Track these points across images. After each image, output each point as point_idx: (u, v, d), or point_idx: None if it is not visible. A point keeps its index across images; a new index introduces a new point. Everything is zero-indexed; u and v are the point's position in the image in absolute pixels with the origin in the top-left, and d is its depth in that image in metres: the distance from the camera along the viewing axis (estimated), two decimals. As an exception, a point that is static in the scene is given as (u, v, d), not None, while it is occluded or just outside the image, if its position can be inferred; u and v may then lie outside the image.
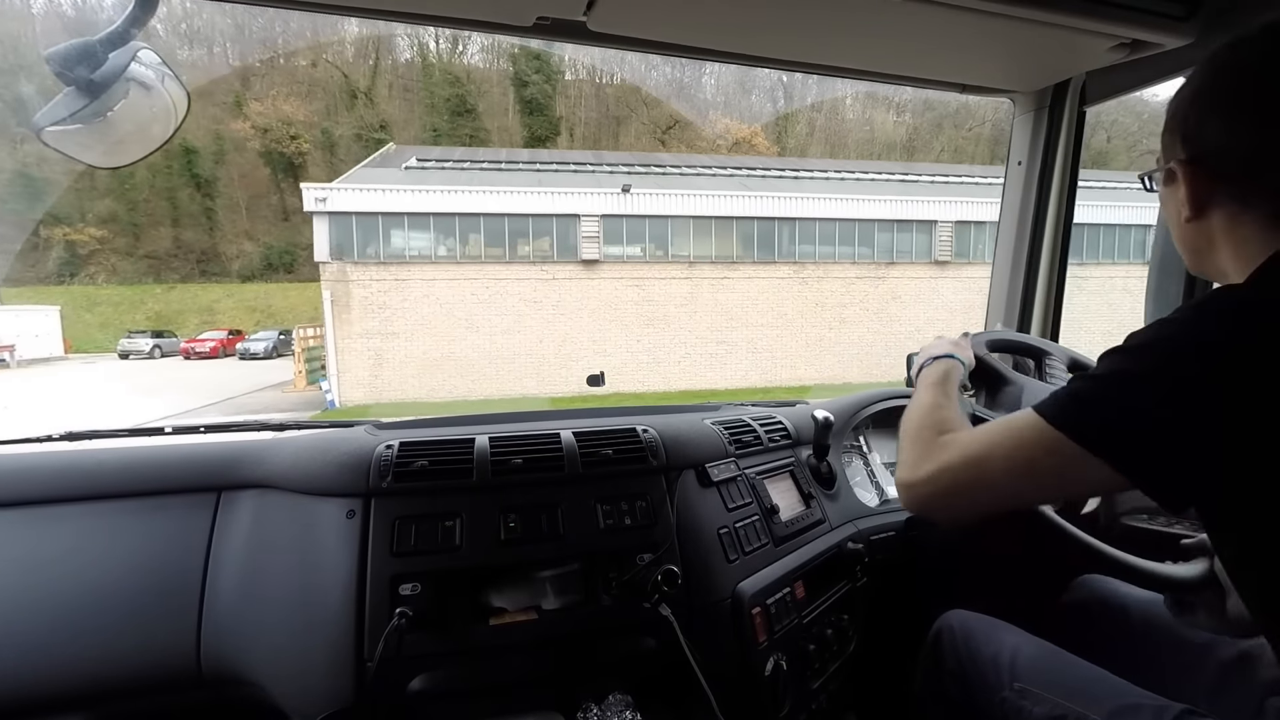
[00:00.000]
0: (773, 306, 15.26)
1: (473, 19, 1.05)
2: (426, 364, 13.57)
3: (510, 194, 14.01)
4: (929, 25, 1.04)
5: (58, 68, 0.70)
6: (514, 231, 13.99)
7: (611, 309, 14.40)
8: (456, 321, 13.67)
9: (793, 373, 15.21)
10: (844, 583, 1.16)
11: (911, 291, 15.95)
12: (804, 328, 15.47)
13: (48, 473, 0.92)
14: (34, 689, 0.80)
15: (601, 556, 0.95)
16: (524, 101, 30.75)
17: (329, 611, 0.84)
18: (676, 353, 14.72)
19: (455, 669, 0.86)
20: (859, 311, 15.78)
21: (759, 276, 15.16)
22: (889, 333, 15.89)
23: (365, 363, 13.29)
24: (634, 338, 14.52)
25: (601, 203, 14.28)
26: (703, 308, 14.85)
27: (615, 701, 0.91)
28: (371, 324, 13.28)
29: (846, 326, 15.69)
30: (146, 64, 0.76)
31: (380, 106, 39.40)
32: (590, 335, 14.29)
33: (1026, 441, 0.59)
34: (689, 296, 14.78)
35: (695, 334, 14.84)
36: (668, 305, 14.67)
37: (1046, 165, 1.44)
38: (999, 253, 1.56)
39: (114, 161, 0.80)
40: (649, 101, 27.97)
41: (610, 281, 14.40)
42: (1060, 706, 0.76)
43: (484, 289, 13.79)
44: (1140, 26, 1.04)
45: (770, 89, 24.93)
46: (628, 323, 14.49)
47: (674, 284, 14.72)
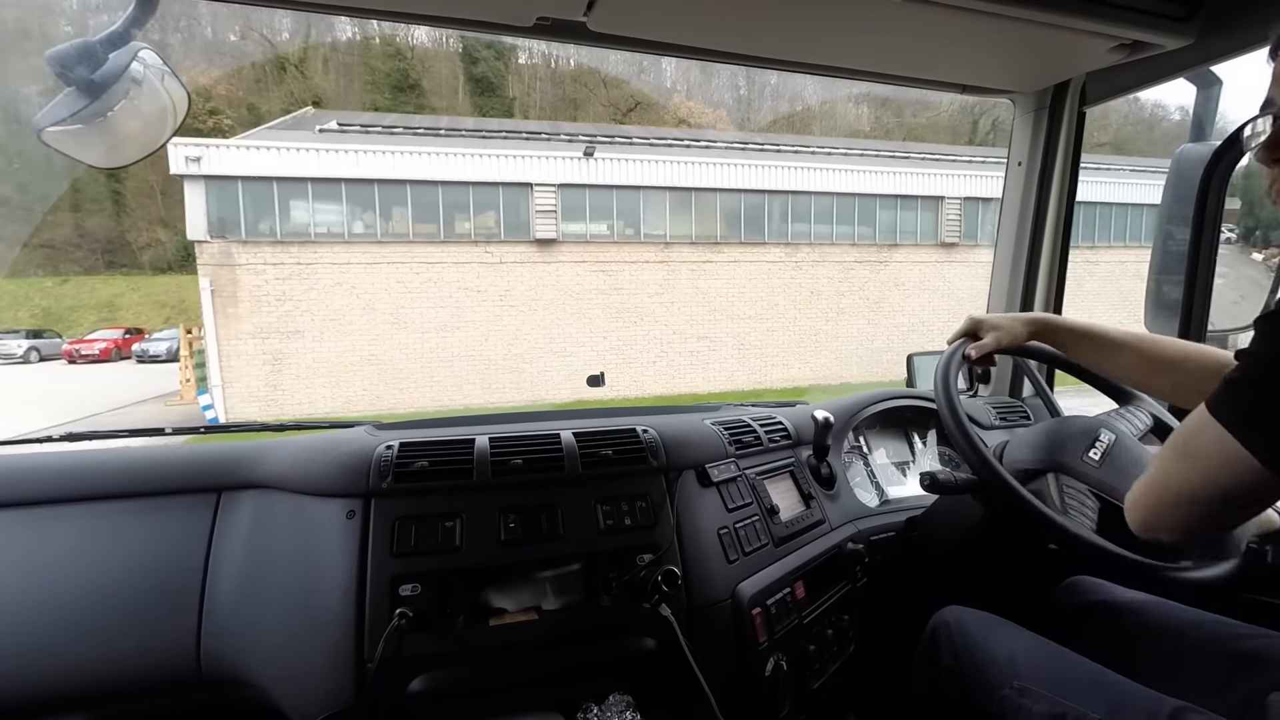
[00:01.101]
0: (762, 295, 13.05)
1: (473, 19, 1.06)
2: (341, 370, 10.88)
3: (445, 157, 11.22)
4: (929, 26, 1.04)
5: (58, 68, 0.70)
6: (451, 204, 11.23)
7: (572, 299, 11.94)
8: (378, 316, 11.00)
9: (784, 372, 13.11)
10: (844, 583, 1.16)
11: (915, 278, 13.98)
12: (797, 320, 13.32)
13: (48, 473, 0.92)
14: (34, 689, 0.80)
15: (601, 557, 0.94)
16: (474, 80, 27.35)
17: (329, 612, 0.84)
18: (650, 351, 12.38)
19: (455, 669, 0.86)
20: (858, 301, 13.72)
21: (746, 260, 12.92)
22: (890, 325, 13.91)
23: (260, 369, 10.49)
24: (599, 334, 12.11)
25: (559, 169, 11.66)
26: (681, 297, 12.53)
27: (615, 702, 0.92)
28: (267, 319, 10.48)
29: (844, 318, 13.62)
30: (147, 64, 0.77)
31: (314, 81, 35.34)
32: (546, 331, 11.82)
33: (1189, 432, 0.58)
34: (665, 284, 12.43)
35: (673, 328, 12.52)
36: (640, 294, 12.30)
37: (1046, 165, 1.45)
38: (999, 252, 1.57)
39: (114, 161, 0.80)
40: (609, 82, 25.14)
41: (570, 266, 11.92)
42: (1060, 705, 0.76)
43: (413, 275, 11.13)
44: (1140, 27, 1.05)
45: (731, 75, 22.61)
46: (592, 316, 12.06)
47: (647, 269, 12.34)
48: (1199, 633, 0.85)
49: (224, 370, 10.25)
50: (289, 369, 10.68)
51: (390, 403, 11.02)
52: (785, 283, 13.17)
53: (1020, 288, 1.51)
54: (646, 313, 12.35)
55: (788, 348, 13.30)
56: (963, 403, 0.91)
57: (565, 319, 11.92)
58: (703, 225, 12.74)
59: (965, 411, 0.90)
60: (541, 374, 11.69)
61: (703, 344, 12.73)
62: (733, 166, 12.72)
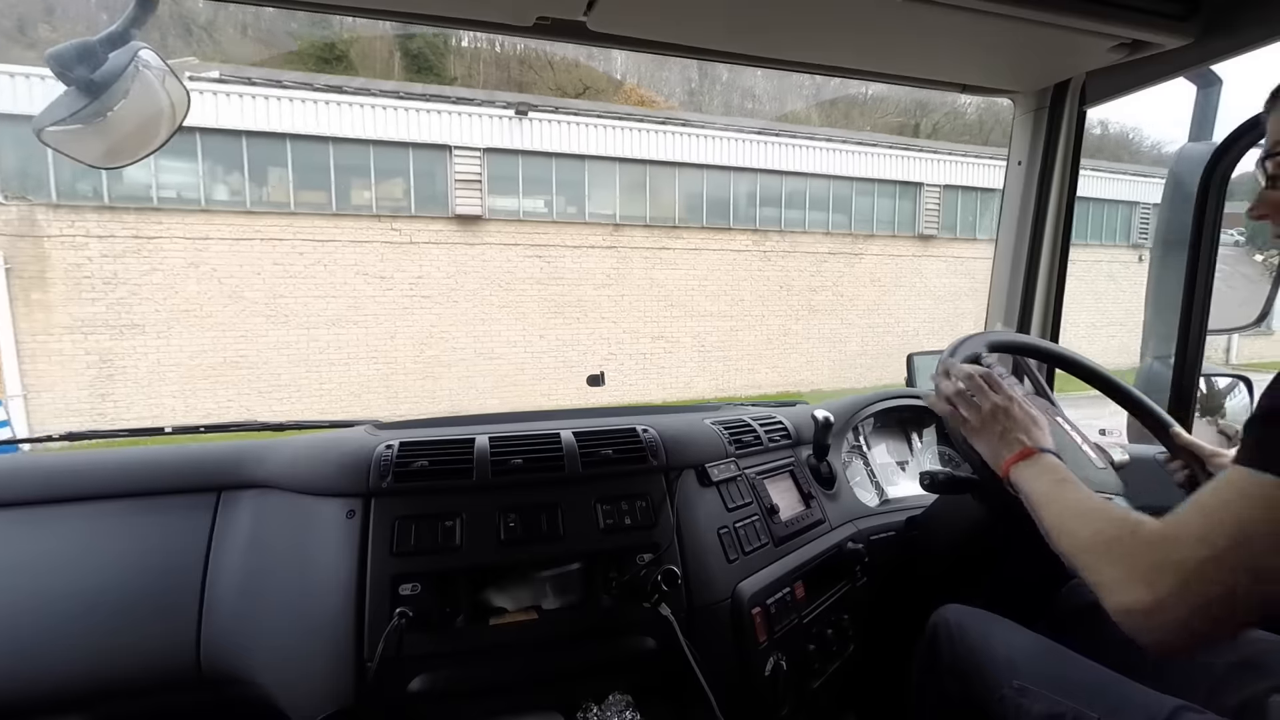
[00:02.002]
0: (726, 289, 11.30)
1: (473, 19, 1.06)
2: (197, 375, 8.46)
3: (339, 107, 8.69)
4: (929, 25, 1.04)
5: (58, 68, 0.70)
6: (346, 167, 8.80)
7: (501, 289, 9.85)
8: (248, 307, 8.64)
9: (749, 377, 11.46)
10: (844, 583, 1.16)
11: (891, 272, 12.57)
12: (765, 318, 11.64)
13: (48, 473, 0.92)
14: (34, 688, 0.80)
15: (601, 556, 0.94)
16: (409, 55, 24.25)
17: (329, 611, 0.84)
18: (596, 352, 10.43)
19: (455, 669, 0.86)
20: (831, 297, 12.17)
21: (709, 248, 11.13)
22: (865, 326, 12.45)
23: (81, 373, 7.94)
24: (534, 332, 10.08)
25: (485, 130, 9.39)
26: (633, 289, 10.63)
27: (615, 701, 0.92)
28: (92, 309, 7.90)
29: (816, 318, 12.04)
30: (146, 64, 0.76)
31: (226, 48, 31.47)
32: (469, 329, 9.70)
33: (1228, 500, 0.50)
34: (614, 273, 10.50)
35: (623, 326, 10.61)
36: (584, 285, 10.33)
37: (1046, 165, 1.44)
38: (999, 252, 1.57)
39: (114, 161, 0.80)
40: (556, 65, 22.76)
41: (499, 249, 9.80)
42: (1059, 704, 0.76)
43: (296, 256, 8.76)
44: (1140, 26, 1.05)
45: (683, 64, 20.78)
46: (526, 310, 10.01)
47: (593, 255, 10.37)
48: None
49: (26, 375, 7.70)
50: (125, 374, 8.16)
51: (266, 416, 8.65)
52: (752, 275, 11.46)
53: (1020, 287, 1.51)
54: (592, 307, 10.38)
55: (754, 350, 11.60)
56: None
57: (492, 314, 9.80)
58: (659, 205, 10.82)
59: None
60: (463, 381, 9.59)
61: (658, 345, 10.86)
62: (693, 137, 10.92)
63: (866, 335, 12.47)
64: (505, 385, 9.81)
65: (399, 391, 9.27)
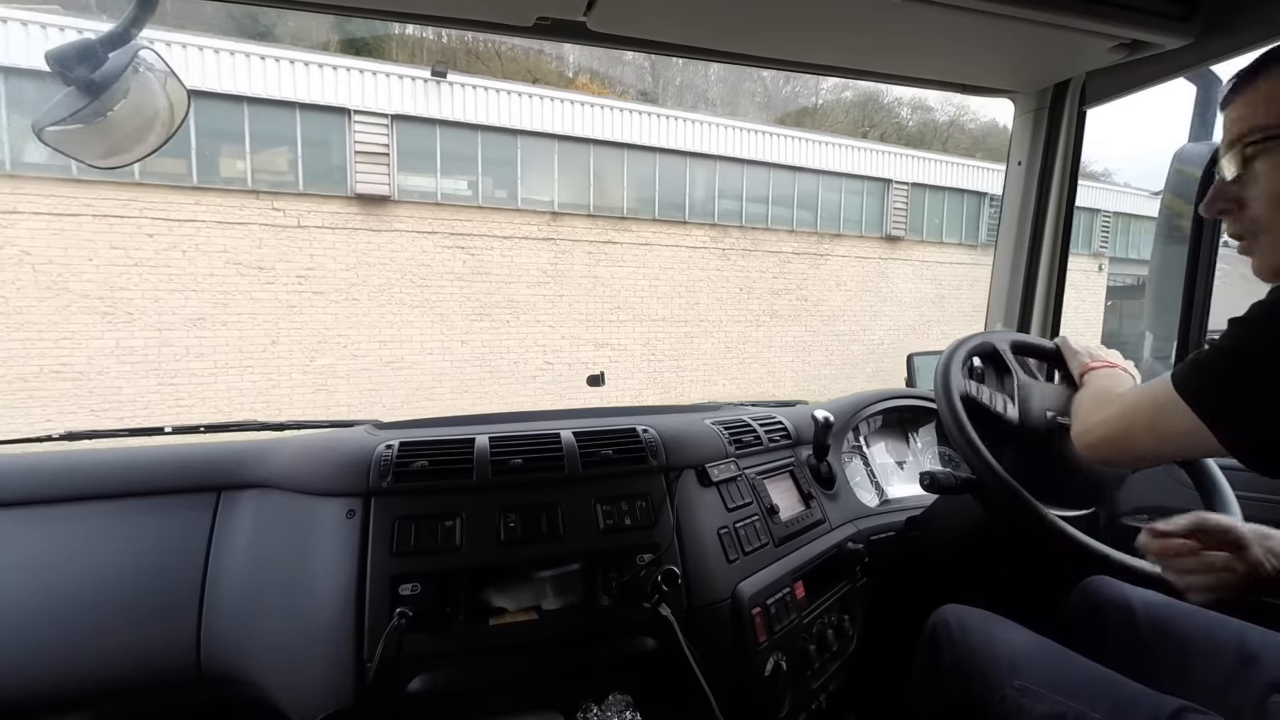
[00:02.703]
0: (681, 291, 10.02)
1: (473, 19, 1.05)
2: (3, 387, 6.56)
3: (202, 52, 6.87)
4: (929, 25, 1.04)
5: (58, 68, 0.70)
6: (213, 130, 6.98)
7: (415, 285, 8.26)
8: (74, 301, 6.79)
9: (705, 390, 10.31)
10: (844, 583, 1.16)
11: (857, 275, 11.59)
12: (723, 323, 10.42)
13: (48, 473, 0.91)
14: (34, 688, 0.80)
15: (601, 557, 0.94)
16: (347, 40, 21.52)
17: (329, 611, 0.83)
18: (529, 363, 8.96)
19: (455, 669, 0.85)
20: (794, 302, 11.06)
21: (661, 243, 9.82)
22: (830, 334, 11.40)
23: None
24: (456, 337, 8.53)
25: (395, 94, 7.81)
26: (575, 288, 9.21)
27: (615, 701, 0.92)
28: None
29: (779, 323, 10.91)
30: (146, 64, 0.76)
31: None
32: (373, 333, 8.07)
33: (1154, 403, 0.66)
34: (552, 270, 9.07)
35: (562, 331, 9.17)
36: (516, 283, 8.85)
37: (1046, 165, 1.44)
38: (999, 252, 1.57)
39: (114, 161, 0.80)
40: (504, 55, 20.98)
41: (412, 238, 8.21)
42: (1060, 704, 0.76)
43: (144, 239, 6.92)
44: (1140, 27, 1.04)
45: (637, 64, 19.86)
46: (445, 312, 8.45)
47: (526, 248, 8.90)
48: (1206, 633, 0.85)
49: None
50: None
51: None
52: (710, 275, 10.23)
53: (1020, 288, 1.51)
54: (525, 309, 8.90)
55: (710, 359, 10.36)
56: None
57: (404, 315, 8.21)
58: (604, 192, 9.43)
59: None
60: (365, 394, 7.95)
61: (602, 353, 9.46)
62: (645, 116, 9.61)
63: (831, 344, 11.42)
64: (418, 399, 8.22)
65: (282, 408, 7.52)
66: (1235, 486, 0.92)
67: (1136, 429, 0.70)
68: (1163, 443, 0.68)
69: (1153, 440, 0.68)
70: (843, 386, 11.50)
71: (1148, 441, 0.69)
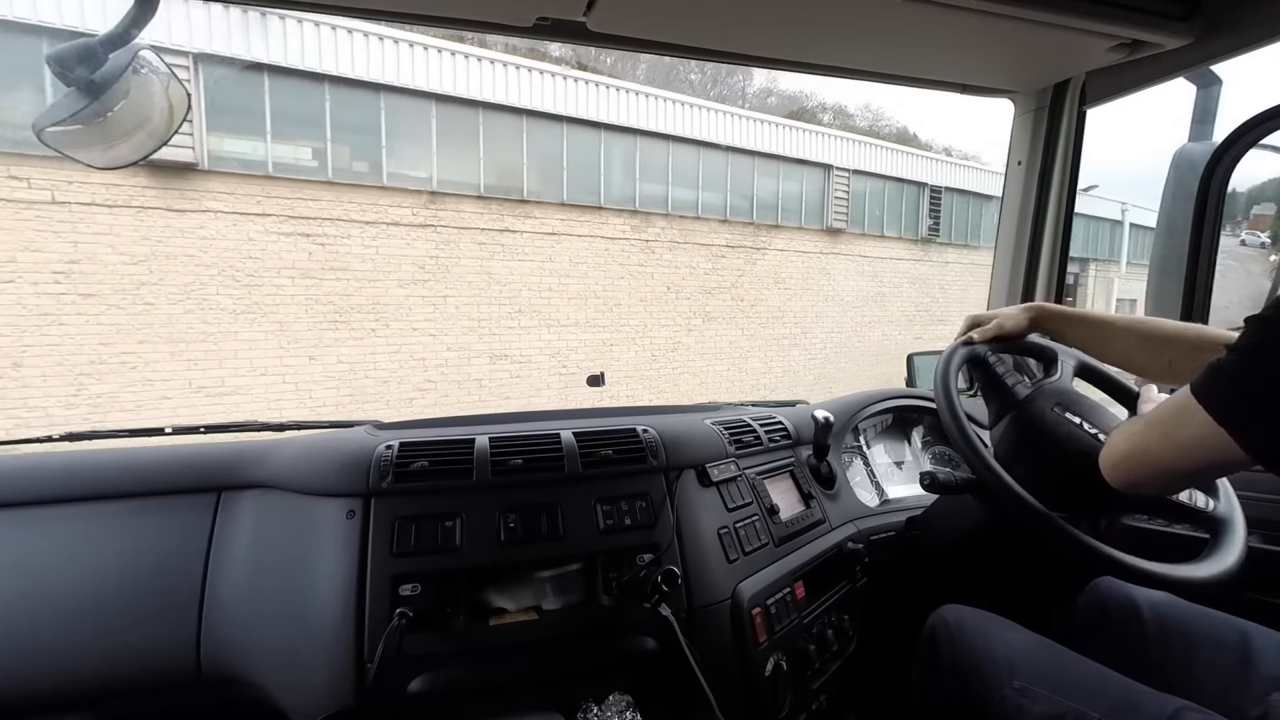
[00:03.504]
0: (598, 290, 8.43)
1: (473, 19, 1.05)
2: None
3: None
4: (929, 25, 1.04)
5: (58, 68, 0.70)
6: None
7: (239, 285, 6.24)
8: None
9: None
10: (844, 583, 1.15)
11: (798, 272, 10.39)
12: (649, 328, 8.91)
13: (48, 473, 0.91)
14: (34, 689, 0.80)
15: (602, 557, 0.94)
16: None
17: (329, 612, 0.83)
18: (406, 381, 7.14)
19: (455, 669, 0.85)
20: (729, 302, 9.70)
21: (572, 232, 8.18)
22: (769, 338, 10.14)
23: None
24: (302, 351, 6.58)
25: (202, 24, 5.70)
26: (463, 287, 7.43)
27: (615, 701, 0.92)
28: None
29: (712, 327, 9.53)
30: (146, 65, 0.76)
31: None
32: (176, 348, 6.00)
33: (1173, 412, 0.62)
34: (433, 264, 7.24)
35: (447, 341, 7.39)
36: (384, 281, 6.98)
37: (1046, 165, 1.44)
38: (999, 252, 1.56)
39: (114, 162, 0.80)
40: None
41: (233, 222, 6.10)
42: (1059, 705, 0.76)
43: None
44: (1140, 26, 1.04)
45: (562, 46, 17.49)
46: (285, 319, 6.47)
47: (398, 236, 7.01)
48: (1210, 632, 0.85)
49: None
50: None
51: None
52: (631, 272, 8.69)
53: (1020, 288, 1.51)
54: (397, 313, 7.04)
55: (635, 370, 8.82)
56: (963, 402, 0.91)
57: (223, 323, 6.19)
58: (500, 169, 7.64)
59: (965, 411, 0.89)
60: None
61: (499, 368, 7.73)
62: (550, 77, 7.91)
63: (770, 349, 10.16)
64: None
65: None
66: (1235, 484, 0.92)
67: (1156, 441, 0.65)
68: (1184, 455, 0.62)
69: (1173, 453, 0.63)
70: (784, 397, 10.28)
71: (1168, 454, 0.64)
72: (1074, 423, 0.90)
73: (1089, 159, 1.43)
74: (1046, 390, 0.95)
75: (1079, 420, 0.90)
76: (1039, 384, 0.95)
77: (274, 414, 6.18)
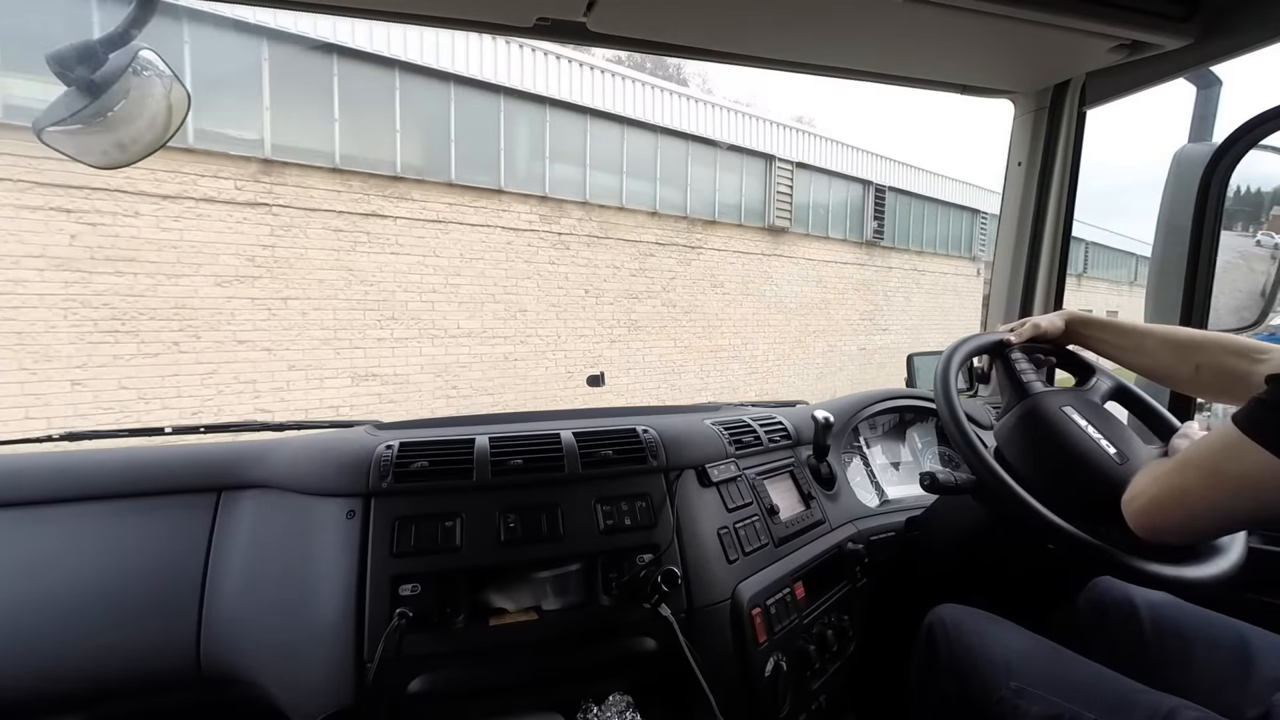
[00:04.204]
0: (497, 292, 6.89)
1: (473, 20, 1.05)
2: None
3: None
4: (929, 26, 1.04)
5: (58, 68, 0.69)
6: None
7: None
8: None
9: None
10: (844, 583, 1.15)
11: (738, 275, 9.25)
12: (563, 338, 7.45)
13: (48, 473, 0.91)
14: (34, 689, 0.80)
15: (602, 557, 0.94)
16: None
17: (329, 612, 0.83)
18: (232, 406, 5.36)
19: (455, 669, 0.85)
20: (660, 308, 8.38)
21: (463, 220, 6.58)
22: (705, 349, 8.92)
23: None
24: (58, 374, 4.70)
25: None
26: (309, 286, 5.72)
27: (615, 702, 0.91)
28: None
29: (639, 337, 8.17)
30: (147, 65, 0.76)
31: None
32: None
33: (1215, 449, 0.60)
34: (265, 257, 5.50)
35: (286, 358, 5.66)
36: (194, 277, 5.19)
37: (1046, 166, 1.44)
38: (999, 253, 1.56)
39: (114, 162, 0.79)
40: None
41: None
42: (1056, 705, 0.76)
43: None
44: (1140, 27, 1.05)
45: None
46: (28, 328, 4.60)
47: (214, 217, 5.26)
48: (1209, 633, 0.85)
49: None
50: None
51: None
52: (541, 270, 7.21)
53: (1020, 288, 1.50)
54: (215, 321, 5.27)
55: (544, 389, 7.31)
56: (963, 402, 0.91)
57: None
58: (362, 138, 5.98)
59: (965, 411, 0.89)
60: None
61: (363, 390, 6.06)
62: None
63: (707, 362, 8.90)
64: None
65: None
66: None
67: (1197, 480, 0.62)
68: (1236, 493, 0.59)
69: (1222, 491, 0.60)
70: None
71: (1214, 493, 0.60)
72: (1079, 424, 0.90)
73: (1089, 160, 1.43)
74: (1060, 391, 0.95)
75: (1084, 423, 0.90)
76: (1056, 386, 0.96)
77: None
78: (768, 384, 9.53)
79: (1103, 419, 0.92)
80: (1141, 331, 0.91)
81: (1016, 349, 0.98)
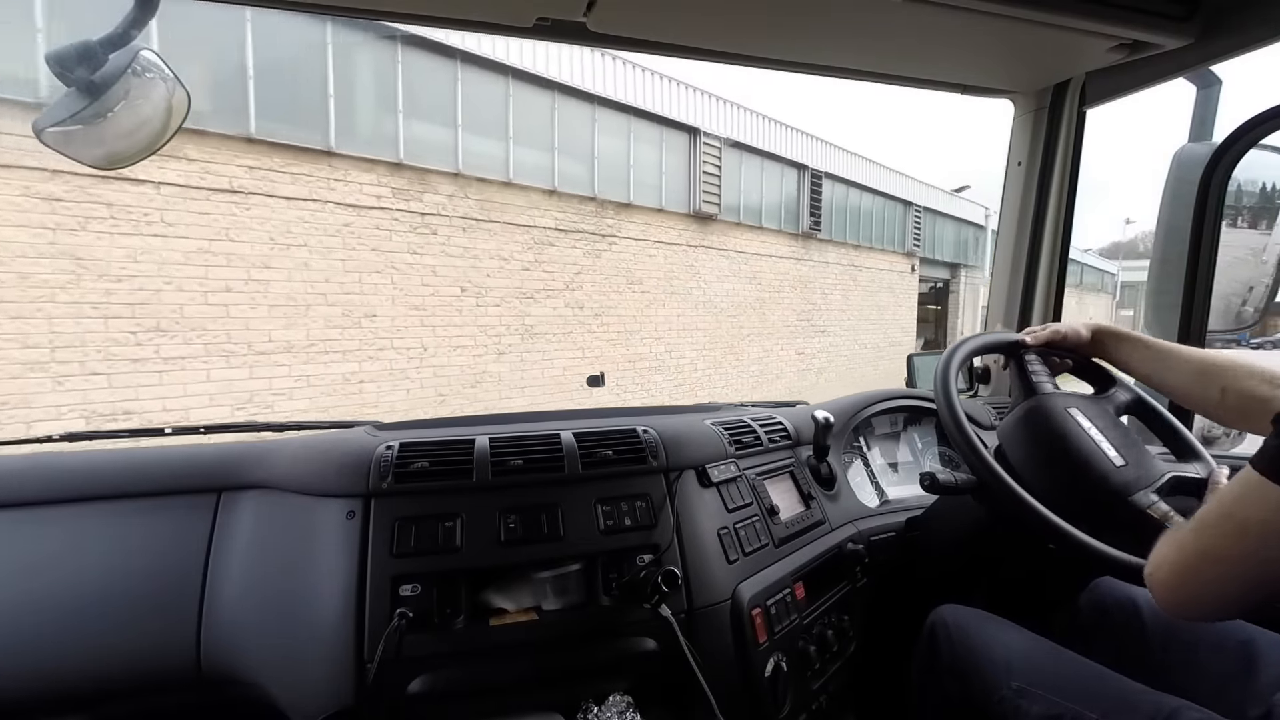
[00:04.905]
0: (332, 291, 5.11)
1: (473, 20, 1.05)
2: None
3: None
4: (929, 26, 1.04)
5: (58, 69, 0.69)
6: None
7: None
8: None
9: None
10: (844, 583, 1.15)
11: (660, 269, 7.87)
12: (431, 351, 5.76)
13: (48, 473, 0.91)
14: (34, 689, 0.80)
15: (601, 557, 0.94)
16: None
17: (329, 612, 0.83)
18: None
19: (455, 670, 0.85)
20: (561, 310, 6.83)
21: (273, 192, 4.78)
22: (622, 358, 7.50)
23: None
24: None
25: None
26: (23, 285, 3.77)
27: (615, 702, 0.91)
28: None
29: (536, 345, 6.59)
30: (147, 65, 0.75)
31: None
32: None
33: (1236, 497, 0.54)
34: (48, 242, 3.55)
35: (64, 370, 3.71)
36: None
37: (1046, 166, 1.44)
38: (999, 253, 1.56)
39: (114, 162, 0.79)
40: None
41: None
42: (1058, 705, 0.76)
43: None
44: (1140, 27, 1.05)
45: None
46: None
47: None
48: (1211, 633, 0.85)
49: None
50: None
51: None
52: (396, 263, 5.49)
53: (1020, 288, 1.50)
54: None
55: (425, 407, 5.66)
56: (963, 403, 0.91)
57: None
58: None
59: (965, 411, 0.89)
60: None
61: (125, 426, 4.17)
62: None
63: (624, 374, 7.44)
64: None
65: None
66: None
67: (1218, 539, 0.55)
68: (1266, 539, 0.51)
69: (1252, 544, 0.52)
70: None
71: (1243, 549, 0.53)
72: (1081, 425, 0.89)
73: (1089, 159, 1.41)
74: (1069, 394, 0.94)
75: (1087, 424, 0.89)
76: (1054, 398, 0.94)
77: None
78: (697, 396, 8.16)
79: (1107, 422, 0.92)
80: (1174, 352, 0.88)
81: (1032, 351, 0.97)
